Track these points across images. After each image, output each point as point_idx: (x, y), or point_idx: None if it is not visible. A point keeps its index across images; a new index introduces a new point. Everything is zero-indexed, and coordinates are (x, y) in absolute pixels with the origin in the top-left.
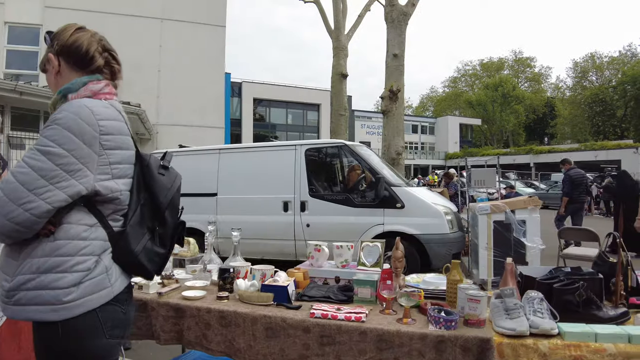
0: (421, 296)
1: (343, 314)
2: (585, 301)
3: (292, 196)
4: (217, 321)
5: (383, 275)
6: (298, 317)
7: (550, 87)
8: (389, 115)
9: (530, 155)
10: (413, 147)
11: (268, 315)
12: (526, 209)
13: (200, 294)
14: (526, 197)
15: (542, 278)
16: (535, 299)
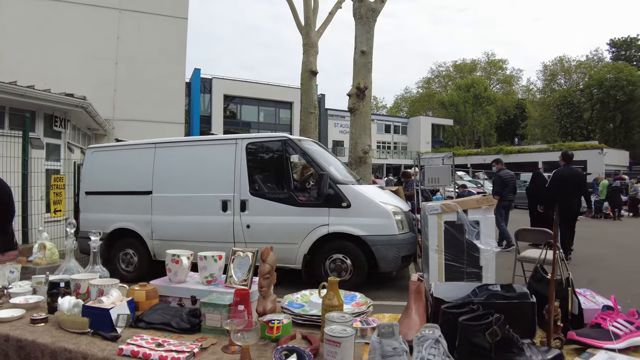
0: (279, 328)
1: (160, 352)
2: (501, 343)
3: (232, 195)
4: (15, 352)
5: (235, 297)
6: (102, 354)
7: (522, 89)
8: (356, 113)
9: (500, 155)
10: (386, 147)
11: (69, 349)
12: (480, 208)
13: (15, 314)
14: (479, 196)
15: (450, 305)
16: (427, 339)
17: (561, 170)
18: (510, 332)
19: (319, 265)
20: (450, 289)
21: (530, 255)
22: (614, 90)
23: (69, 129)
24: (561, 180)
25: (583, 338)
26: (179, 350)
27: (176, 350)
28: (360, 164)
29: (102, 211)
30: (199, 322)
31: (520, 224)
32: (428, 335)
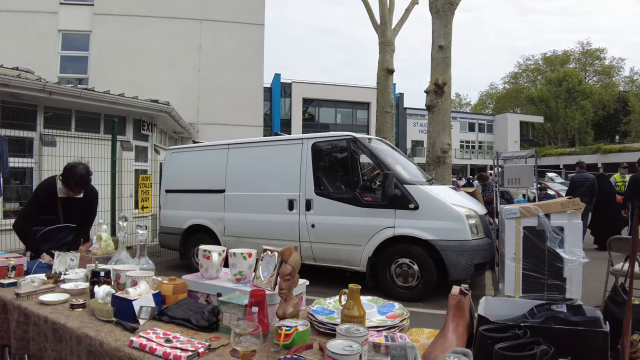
0: (290, 336)
1: (165, 348)
2: None
3: (298, 194)
4: (52, 334)
5: (250, 299)
6: (116, 344)
7: (624, 81)
8: (434, 110)
9: (597, 155)
10: (470, 146)
11: (90, 335)
12: (565, 212)
13: (60, 299)
14: (565, 199)
15: (491, 327)
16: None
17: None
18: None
19: (384, 269)
20: (504, 305)
21: (626, 269)
22: None
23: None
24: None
25: None
26: (184, 348)
27: (181, 348)
28: (439, 164)
29: (180, 208)
30: (216, 321)
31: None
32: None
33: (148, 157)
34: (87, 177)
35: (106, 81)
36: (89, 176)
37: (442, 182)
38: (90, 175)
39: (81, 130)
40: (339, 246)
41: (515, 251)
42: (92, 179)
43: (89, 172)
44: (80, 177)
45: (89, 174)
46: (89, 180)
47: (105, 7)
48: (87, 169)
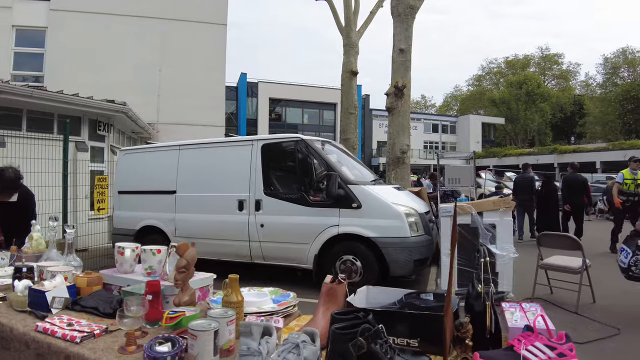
0: (174, 319)
1: (65, 331)
2: (367, 356)
3: (247, 194)
4: None
5: (146, 288)
6: (24, 330)
7: (580, 85)
8: (395, 112)
9: (554, 155)
10: (434, 147)
11: (2, 323)
12: (497, 210)
13: None
14: (496, 198)
15: (341, 311)
16: (287, 343)
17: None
18: (376, 346)
19: (329, 266)
20: (382, 294)
21: (554, 263)
22: None
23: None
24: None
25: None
26: (82, 330)
27: (79, 330)
28: (399, 165)
29: (133, 209)
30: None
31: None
32: (291, 339)
33: (104, 157)
34: (16, 181)
35: (63, 79)
36: (19, 180)
37: (402, 181)
38: (20, 179)
39: (33, 130)
40: (287, 245)
41: (450, 247)
42: (22, 182)
43: (19, 176)
44: (10, 181)
45: (19, 177)
46: (18, 184)
47: (62, 3)
48: (17, 172)
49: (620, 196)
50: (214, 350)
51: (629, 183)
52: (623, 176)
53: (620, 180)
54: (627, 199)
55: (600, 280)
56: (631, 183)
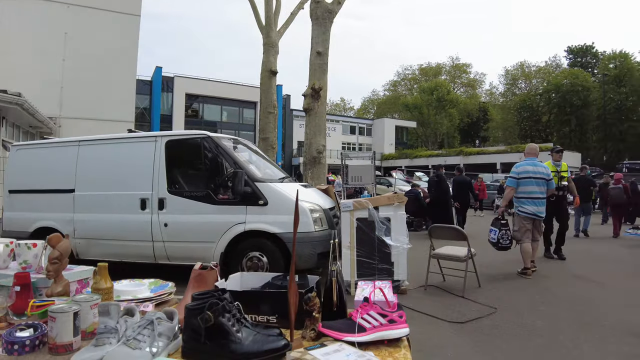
0: (41, 307)
1: None
2: (215, 329)
3: (150, 193)
4: None
5: (14, 280)
6: None
7: (485, 93)
8: (311, 113)
9: (460, 156)
10: (351, 148)
11: None
12: (391, 205)
13: None
14: (391, 194)
15: (202, 292)
16: (144, 320)
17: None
18: (222, 319)
19: (236, 263)
20: (255, 279)
21: (444, 252)
22: (570, 95)
23: (5, 126)
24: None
25: (328, 330)
26: None
27: None
28: (315, 164)
29: (26, 210)
30: None
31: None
32: (147, 316)
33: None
34: None
35: None
36: None
37: (318, 180)
38: None
39: None
40: (192, 244)
41: (350, 240)
42: None
43: None
44: None
45: None
46: None
47: None
48: None
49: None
50: (74, 331)
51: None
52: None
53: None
54: (551, 194)
55: (487, 266)
56: (554, 176)
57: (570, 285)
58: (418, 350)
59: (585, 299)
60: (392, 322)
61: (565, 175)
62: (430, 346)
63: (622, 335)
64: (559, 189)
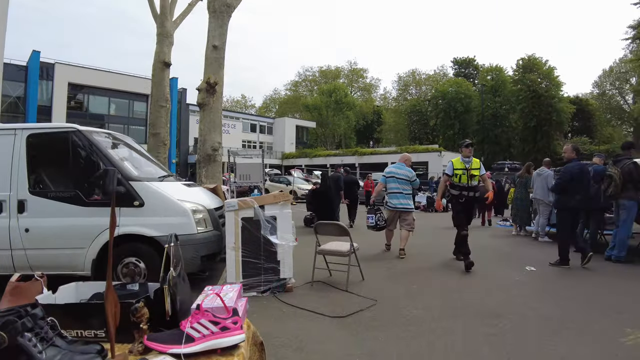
0: None
1: None
2: (8, 351)
3: (8, 194)
4: None
5: None
6: None
7: (379, 97)
8: (206, 108)
9: (356, 156)
10: (251, 146)
11: None
12: (277, 204)
13: None
14: (277, 192)
15: (7, 309)
16: None
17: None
18: (27, 339)
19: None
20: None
21: (329, 248)
22: (454, 102)
23: None
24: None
25: (152, 342)
26: None
27: None
28: (210, 162)
29: None
30: None
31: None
32: None
33: None
34: None
35: None
36: None
37: (213, 179)
38: None
39: None
40: (59, 251)
41: (235, 240)
42: None
43: None
44: None
45: None
46: None
47: None
48: None
49: (452, 190)
50: None
51: (459, 174)
52: (453, 166)
53: (449, 171)
54: (460, 194)
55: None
56: (462, 174)
57: (444, 274)
58: (296, 348)
59: (456, 286)
60: (224, 330)
61: (477, 173)
62: (310, 343)
63: (484, 317)
64: (468, 189)
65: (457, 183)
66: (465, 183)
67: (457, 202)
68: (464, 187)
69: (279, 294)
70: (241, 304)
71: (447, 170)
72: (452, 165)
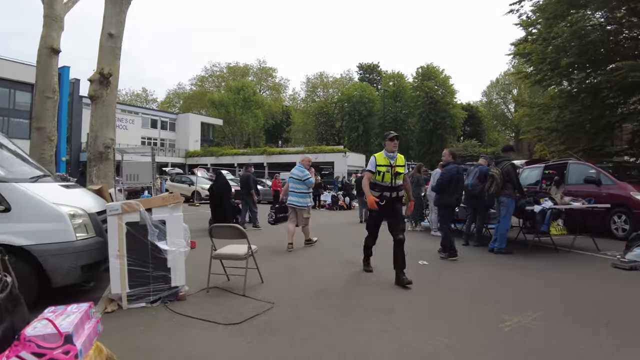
0: None
1: None
2: None
3: None
4: None
5: None
6: None
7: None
8: (98, 102)
9: (264, 155)
10: (152, 143)
11: None
12: (166, 206)
13: None
14: (166, 194)
15: None
16: None
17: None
18: None
19: None
20: None
21: (225, 252)
22: (359, 105)
23: None
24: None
25: None
26: None
27: None
28: (102, 160)
29: None
30: None
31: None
32: None
33: None
34: None
35: None
36: None
37: (105, 178)
38: None
39: None
40: None
41: (119, 248)
42: None
43: None
44: None
45: None
46: None
47: None
48: None
49: (373, 191)
50: None
51: (383, 171)
52: (375, 162)
53: (372, 167)
54: (380, 195)
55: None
56: (386, 172)
57: (345, 273)
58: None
59: (353, 283)
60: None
61: (402, 171)
62: (197, 355)
63: (380, 314)
64: (391, 189)
65: (379, 182)
66: (389, 182)
67: (378, 204)
68: (386, 187)
69: (170, 303)
70: (88, 327)
71: (369, 166)
72: (374, 160)
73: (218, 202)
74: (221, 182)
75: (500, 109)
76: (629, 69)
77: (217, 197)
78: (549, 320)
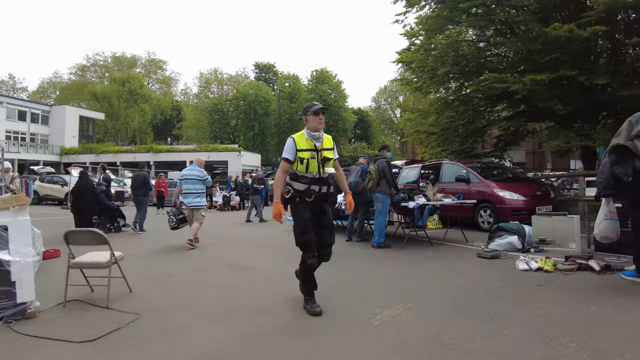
0: None
1: None
2: None
3: None
4: None
5: None
6: None
7: (180, 92)
8: None
9: (151, 153)
10: (20, 138)
11: None
12: (8, 210)
13: None
14: (8, 195)
15: None
16: None
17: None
18: None
19: None
20: None
21: (85, 260)
22: (255, 104)
23: None
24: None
25: None
26: None
27: None
28: None
29: None
30: None
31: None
32: None
33: None
34: None
35: None
36: None
37: None
38: None
39: None
40: None
41: None
42: None
43: None
44: None
45: None
46: None
47: None
48: None
49: (295, 184)
50: None
51: (306, 158)
52: (295, 146)
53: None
54: (308, 190)
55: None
56: (311, 158)
57: (226, 275)
58: None
59: (235, 286)
60: None
61: (330, 156)
62: None
63: (253, 317)
64: (320, 181)
65: (302, 173)
66: (316, 172)
67: (304, 203)
68: (313, 179)
69: (15, 323)
70: None
71: (285, 153)
72: (293, 144)
73: (82, 206)
74: (84, 183)
75: (388, 114)
76: (493, 80)
77: (79, 201)
78: (418, 311)
